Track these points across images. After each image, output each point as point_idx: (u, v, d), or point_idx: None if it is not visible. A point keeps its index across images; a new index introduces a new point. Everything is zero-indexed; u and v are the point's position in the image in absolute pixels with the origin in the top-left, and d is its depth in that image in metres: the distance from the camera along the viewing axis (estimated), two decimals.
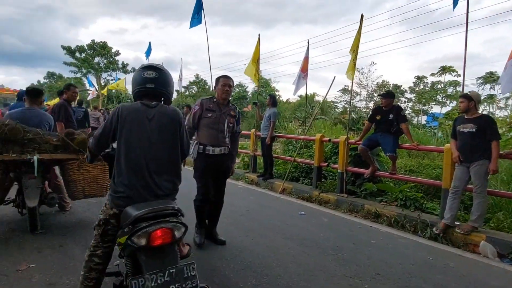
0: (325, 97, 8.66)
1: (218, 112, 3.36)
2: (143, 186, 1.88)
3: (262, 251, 3.39)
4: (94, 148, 2.07)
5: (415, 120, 33.53)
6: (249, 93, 40.81)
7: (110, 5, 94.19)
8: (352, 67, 5.84)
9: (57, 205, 4.23)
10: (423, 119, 33.47)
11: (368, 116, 5.77)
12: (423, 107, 36.66)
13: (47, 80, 46.99)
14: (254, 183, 7.19)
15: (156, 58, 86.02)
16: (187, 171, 3.37)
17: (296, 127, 13.31)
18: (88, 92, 24.89)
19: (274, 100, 7.03)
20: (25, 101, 3.94)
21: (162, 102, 2.08)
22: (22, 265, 2.79)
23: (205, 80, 43.12)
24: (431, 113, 33.15)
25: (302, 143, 7.38)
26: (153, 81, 1.99)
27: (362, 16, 5.73)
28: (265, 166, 7.28)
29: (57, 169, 4.06)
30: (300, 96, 31.58)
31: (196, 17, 8.06)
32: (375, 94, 27.69)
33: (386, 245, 3.77)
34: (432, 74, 37.39)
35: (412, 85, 39.10)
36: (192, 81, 42.50)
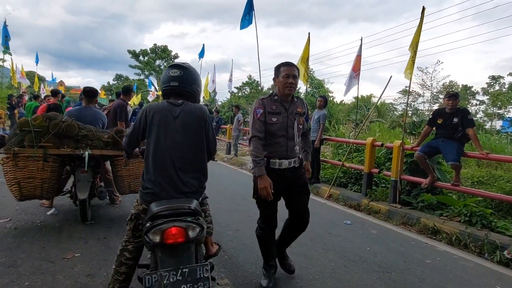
0: (379, 98, 8.09)
1: (284, 114, 2.54)
2: (168, 184, 1.90)
3: (299, 261, 3.19)
4: (126, 146, 2.13)
5: (488, 125, 30.00)
6: (301, 95, 40.27)
7: (172, 12, 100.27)
8: (411, 66, 5.30)
9: (108, 198, 4.50)
10: (498, 124, 29.79)
11: (428, 119, 5.18)
12: (498, 111, 32.65)
13: (115, 82, 51.53)
14: None
15: (212, 59, 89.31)
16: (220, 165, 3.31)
17: (349, 130, 12.71)
18: (149, 92, 26.65)
19: (326, 101, 6.73)
20: (82, 100, 4.24)
21: (188, 99, 2.08)
22: (68, 254, 2.96)
23: (257, 81, 43.56)
24: (508, 117, 29.36)
25: (353, 147, 6.95)
26: (177, 79, 2.00)
27: (423, 8, 5.17)
28: (311, 170, 7.00)
29: (108, 164, 4.29)
30: (356, 98, 30.28)
31: (247, 18, 8.08)
32: (440, 96, 25.35)
33: (443, 266, 3.30)
34: (510, 74, 33.13)
35: (485, 86, 35.08)
36: (245, 82, 43.23)
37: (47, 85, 27.82)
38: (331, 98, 41.12)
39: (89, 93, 4.18)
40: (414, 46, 5.18)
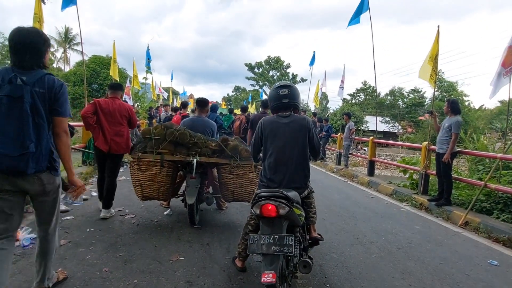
0: None
1: None
2: (279, 179, 2.48)
3: None
4: (252, 153, 2.79)
5: None
6: (427, 99, 35.49)
7: (286, 24, 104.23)
8: None
9: (215, 203, 4.66)
10: None
11: None
12: None
13: (234, 93, 56.44)
14: (423, 208, 5.84)
15: (325, 67, 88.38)
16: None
17: (492, 141, 10.27)
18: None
19: (454, 107, 5.50)
20: (195, 110, 4.54)
21: (292, 111, 2.61)
22: (175, 256, 3.09)
23: (373, 87, 40.61)
24: None
25: (500, 163, 5.45)
26: (287, 97, 2.55)
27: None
28: (440, 189, 5.80)
29: (215, 171, 4.44)
30: (502, 102, 24.79)
31: (355, 17, 7.57)
32: None
33: None
34: None
35: None
36: (359, 88, 40.90)
37: (179, 98, 32.69)
38: (467, 103, 34.87)
39: (201, 103, 4.43)
40: None
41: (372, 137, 8.73)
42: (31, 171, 1.94)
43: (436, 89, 6.44)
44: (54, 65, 45.68)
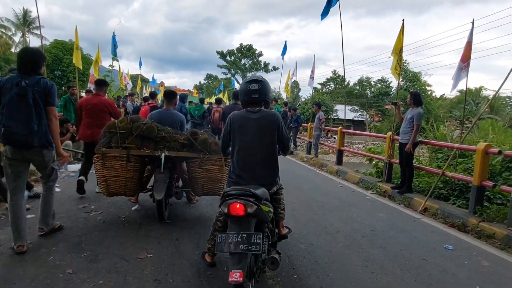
0: (497, 92, 6.59)
1: None
2: (249, 177, 2.47)
3: None
4: (221, 148, 2.75)
5: None
6: (393, 89, 36.86)
7: (259, 11, 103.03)
8: None
9: (185, 196, 4.61)
10: None
11: None
12: None
13: (206, 81, 55.46)
14: (386, 195, 6.14)
15: (297, 56, 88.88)
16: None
17: (451, 130, 10.92)
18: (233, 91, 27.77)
19: (417, 98, 5.76)
20: (163, 103, 4.42)
21: (263, 106, 2.59)
22: (143, 254, 3.04)
23: (342, 76, 41.48)
24: None
25: (457, 152, 5.82)
26: (257, 92, 2.51)
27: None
28: (402, 177, 6.12)
29: (184, 165, 4.38)
30: (460, 91, 26.26)
31: (326, 9, 7.69)
32: None
33: None
34: None
35: None
36: (329, 77, 41.63)
37: (149, 86, 31.62)
38: (429, 92, 36.60)
39: (168, 95, 4.32)
40: None
41: (340, 127, 8.97)
42: (36, 144, 2.86)
43: (401, 79, 6.69)
44: (13, 49, 42.32)
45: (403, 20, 6.49)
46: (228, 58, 40.82)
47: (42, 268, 2.68)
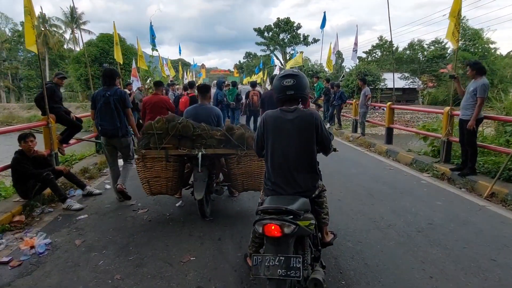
0: None
1: None
2: (284, 183, 2.26)
3: None
4: (255, 149, 2.56)
5: None
6: (449, 50, 33.31)
7: None
8: None
9: (227, 190, 4.58)
10: None
11: None
12: None
13: (245, 60, 54.99)
14: (445, 178, 5.56)
15: (338, 24, 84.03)
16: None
17: None
18: (274, 68, 27.16)
19: (478, 67, 5.00)
20: (198, 97, 4.33)
21: (301, 103, 2.38)
22: (186, 257, 3.05)
23: (389, 42, 38.30)
24: None
25: None
26: (292, 88, 2.27)
27: None
28: (463, 157, 5.48)
29: (223, 160, 4.30)
30: None
31: None
32: None
33: None
34: None
35: None
36: (375, 44, 38.77)
37: (190, 71, 32.15)
38: (493, 50, 32.50)
39: (202, 90, 4.20)
40: None
41: (389, 103, 8.26)
42: (119, 135, 4.39)
43: (460, 38, 5.77)
44: (65, 46, 45.66)
45: None
46: (266, 34, 39.75)
47: (93, 273, 2.80)
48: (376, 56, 39.18)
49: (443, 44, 33.18)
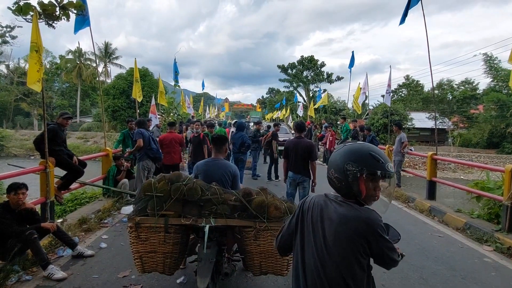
0: None
1: None
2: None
3: None
4: (277, 246, 1.77)
5: None
6: (479, 90, 31.96)
7: (319, 20, 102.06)
8: None
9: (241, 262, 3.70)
10: None
11: None
12: None
13: (268, 95, 55.56)
14: None
15: (361, 62, 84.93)
16: None
17: None
18: (298, 105, 26.76)
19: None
20: (211, 150, 3.63)
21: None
22: None
23: (417, 81, 37.47)
24: None
25: None
26: None
27: None
28: None
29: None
30: None
31: (406, 12, 6.78)
32: None
33: None
34: None
35: None
36: (401, 83, 38.02)
37: (213, 105, 32.31)
38: None
39: (217, 142, 3.50)
40: None
41: (431, 153, 7.27)
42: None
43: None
44: (98, 78, 48.00)
45: None
46: (289, 71, 40.05)
47: None
48: (402, 95, 38.23)
49: (474, 84, 31.93)
